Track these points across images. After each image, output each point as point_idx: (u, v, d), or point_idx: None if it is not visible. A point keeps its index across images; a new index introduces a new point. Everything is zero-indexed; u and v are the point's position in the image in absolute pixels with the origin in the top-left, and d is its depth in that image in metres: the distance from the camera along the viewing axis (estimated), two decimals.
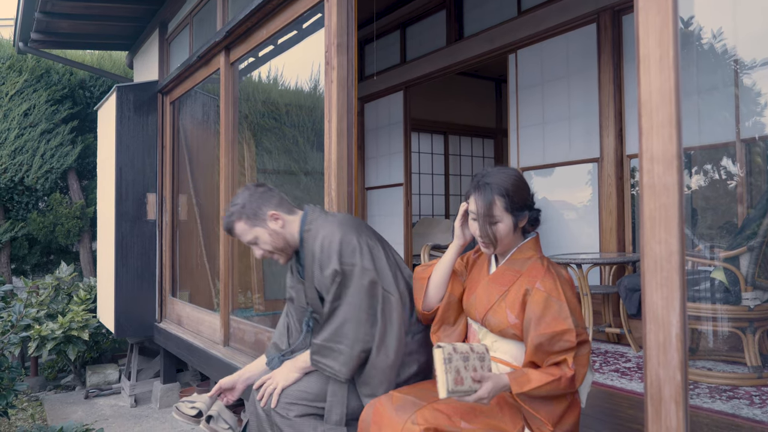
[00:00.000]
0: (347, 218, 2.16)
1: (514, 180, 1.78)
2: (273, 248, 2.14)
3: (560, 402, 1.67)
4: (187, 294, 5.14)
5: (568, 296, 1.68)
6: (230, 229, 2.15)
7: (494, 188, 1.75)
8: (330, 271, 1.99)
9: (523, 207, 1.78)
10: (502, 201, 1.74)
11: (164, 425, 4.62)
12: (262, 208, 2.13)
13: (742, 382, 2.69)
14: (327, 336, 2.01)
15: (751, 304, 2.70)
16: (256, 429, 2.07)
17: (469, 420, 1.69)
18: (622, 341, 3.82)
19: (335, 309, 2.01)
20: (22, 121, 6.54)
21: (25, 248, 6.79)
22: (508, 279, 1.79)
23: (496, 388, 1.62)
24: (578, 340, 1.63)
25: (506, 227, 1.76)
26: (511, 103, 4.91)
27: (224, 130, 4.02)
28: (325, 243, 2.03)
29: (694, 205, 3.52)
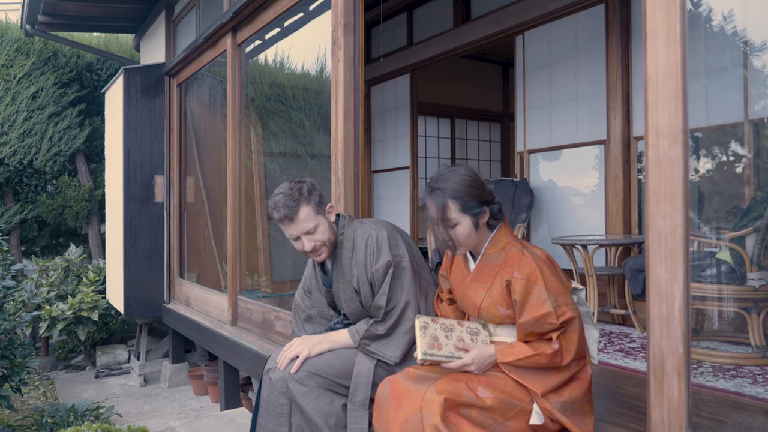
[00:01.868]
0: (378, 220, 2.26)
1: (466, 180, 1.78)
2: (327, 239, 2.15)
3: (558, 374, 1.73)
4: (194, 275, 5.19)
5: (546, 277, 1.71)
6: (293, 215, 2.08)
7: (446, 192, 1.77)
8: (383, 262, 2.08)
9: (480, 204, 1.79)
10: (456, 203, 1.76)
11: (173, 404, 4.69)
12: (323, 199, 2.17)
13: (745, 362, 2.71)
14: (392, 323, 2.07)
15: (756, 285, 2.71)
16: (267, 400, 2.10)
17: (486, 387, 1.72)
18: (627, 322, 3.84)
19: (392, 297, 2.08)
20: (30, 103, 6.58)
21: (34, 230, 6.86)
22: (488, 275, 1.83)
23: (482, 356, 1.74)
24: (561, 320, 1.68)
25: (465, 228, 1.79)
26: (518, 85, 4.89)
27: (231, 112, 4.04)
28: (371, 239, 2.13)
29: (701, 188, 3.52)
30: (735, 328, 3.00)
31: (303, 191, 2.11)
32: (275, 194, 2.14)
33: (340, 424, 2.05)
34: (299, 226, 2.10)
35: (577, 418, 1.73)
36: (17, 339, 3.34)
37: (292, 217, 2.08)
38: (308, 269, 2.40)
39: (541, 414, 1.73)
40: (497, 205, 1.83)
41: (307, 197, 2.11)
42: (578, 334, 1.71)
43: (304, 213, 2.09)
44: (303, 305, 2.40)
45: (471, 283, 1.88)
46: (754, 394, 2.33)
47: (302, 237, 2.13)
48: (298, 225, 2.10)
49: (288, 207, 2.08)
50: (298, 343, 2.13)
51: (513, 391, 1.74)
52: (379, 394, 1.88)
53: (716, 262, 2.87)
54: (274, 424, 2.07)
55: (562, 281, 1.78)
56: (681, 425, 1.37)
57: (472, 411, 1.70)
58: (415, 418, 1.66)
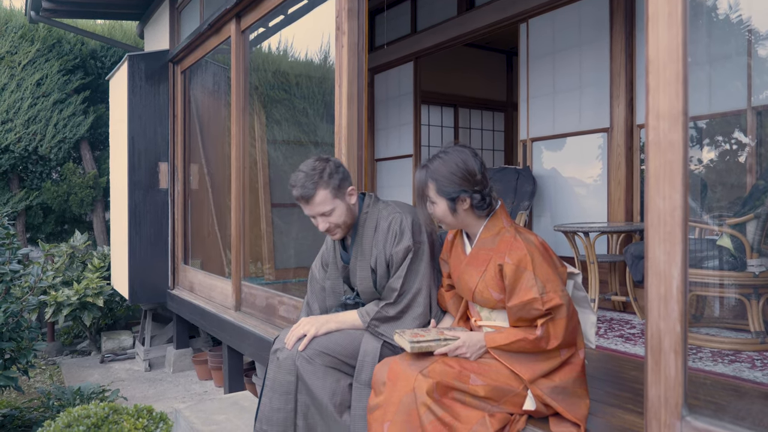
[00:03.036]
0: (404, 204, 2.27)
1: (449, 166, 1.84)
2: (343, 222, 2.17)
3: (547, 360, 1.77)
4: (198, 262, 5.23)
5: (537, 263, 1.75)
6: (309, 197, 2.10)
7: (429, 172, 1.86)
8: (403, 246, 2.10)
9: (460, 191, 1.83)
10: (434, 184, 1.85)
11: (177, 388, 4.75)
12: (345, 182, 2.17)
13: (744, 347, 2.73)
14: (402, 307, 2.10)
15: (756, 271, 2.73)
16: (274, 379, 2.13)
17: (478, 375, 1.76)
18: (627, 309, 3.86)
19: (407, 281, 2.10)
20: (34, 90, 6.60)
21: (39, 217, 6.90)
22: (482, 260, 1.87)
23: (472, 340, 1.81)
24: (548, 306, 1.71)
25: (441, 209, 1.87)
26: (522, 73, 4.89)
27: (235, 99, 4.05)
28: (395, 222, 2.14)
29: (704, 177, 3.53)
30: (735, 315, 3.02)
31: (324, 174, 2.11)
32: (299, 170, 2.15)
33: (345, 403, 2.08)
34: (315, 207, 2.13)
35: (569, 402, 1.77)
36: (24, 322, 3.39)
37: (309, 199, 2.11)
38: (327, 242, 2.42)
39: (533, 400, 1.77)
40: (480, 195, 1.85)
41: (327, 180, 2.11)
42: (566, 321, 1.74)
43: (321, 196, 2.11)
44: (318, 277, 2.42)
45: (466, 267, 1.92)
46: (752, 378, 2.36)
47: (318, 217, 2.16)
48: (314, 207, 2.13)
49: (306, 188, 2.10)
50: (306, 322, 2.16)
51: (506, 379, 1.78)
52: (376, 375, 1.92)
53: (717, 248, 2.88)
54: (280, 401, 2.10)
55: (555, 267, 1.80)
56: (677, 403, 1.40)
57: (466, 396, 1.74)
58: (409, 398, 1.71)
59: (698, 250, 2.97)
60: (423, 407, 1.68)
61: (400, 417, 1.71)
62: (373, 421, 1.87)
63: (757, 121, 3.39)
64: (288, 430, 2.11)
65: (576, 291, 1.99)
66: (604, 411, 1.98)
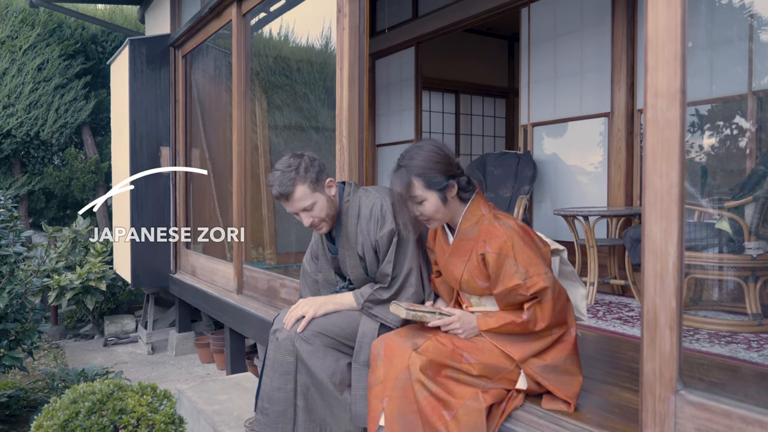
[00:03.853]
0: (383, 188, 2.27)
1: (430, 156, 1.81)
2: (326, 215, 2.18)
3: (538, 340, 1.80)
4: (200, 246, 5.26)
5: (517, 248, 1.75)
6: (288, 193, 2.10)
7: (410, 170, 1.80)
8: (387, 230, 2.11)
9: (447, 178, 1.81)
10: (420, 180, 1.80)
11: (180, 371, 4.80)
12: (321, 174, 2.17)
13: (741, 329, 2.76)
14: (396, 289, 2.12)
15: (753, 254, 2.75)
16: (273, 359, 2.16)
17: (472, 353, 1.79)
18: (626, 293, 3.89)
19: (397, 264, 2.12)
20: (36, 75, 6.60)
21: (42, 202, 6.93)
22: (465, 250, 1.87)
23: (466, 320, 1.83)
24: (532, 291, 1.73)
25: (433, 204, 1.82)
26: (523, 57, 4.88)
27: (236, 83, 4.06)
28: (376, 208, 2.16)
29: (704, 163, 3.54)
30: (733, 298, 3.05)
31: (300, 169, 2.12)
32: (274, 169, 2.16)
33: (344, 382, 2.11)
34: (296, 204, 2.13)
35: (560, 380, 1.80)
36: (28, 304, 3.42)
37: (288, 196, 2.11)
38: (315, 235, 2.44)
39: (525, 379, 1.81)
40: (465, 177, 1.85)
41: (304, 175, 2.11)
42: (552, 303, 1.75)
43: (300, 192, 2.11)
44: (310, 270, 2.46)
45: (450, 258, 1.92)
46: (748, 358, 2.39)
47: (300, 213, 2.17)
48: (294, 203, 2.13)
49: (283, 185, 2.10)
50: (304, 303, 2.18)
51: (499, 357, 1.80)
52: (373, 351, 1.94)
53: (715, 232, 2.90)
54: (280, 381, 2.14)
55: (537, 249, 1.81)
56: (672, 377, 1.43)
57: (460, 374, 1.77)
58: (404, 375, 1.74)
59: (697, 233, 2.99)
60: (417, 383, 1.71)
61: (397, 393, 1.74)
62: (372, 397, 1.90)
63: (757, 105, 3.39)
64: (288, 410, 2.14)
65: (563, 266, 2.01)
66: (600, 389, 2.01)
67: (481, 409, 1.71)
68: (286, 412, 2.13)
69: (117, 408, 1.99)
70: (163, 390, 2.17)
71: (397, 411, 1.72)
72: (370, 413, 1.89)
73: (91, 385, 2.12)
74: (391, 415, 1.73)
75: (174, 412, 2.10)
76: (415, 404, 1.70)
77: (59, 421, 1.93)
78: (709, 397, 1.36)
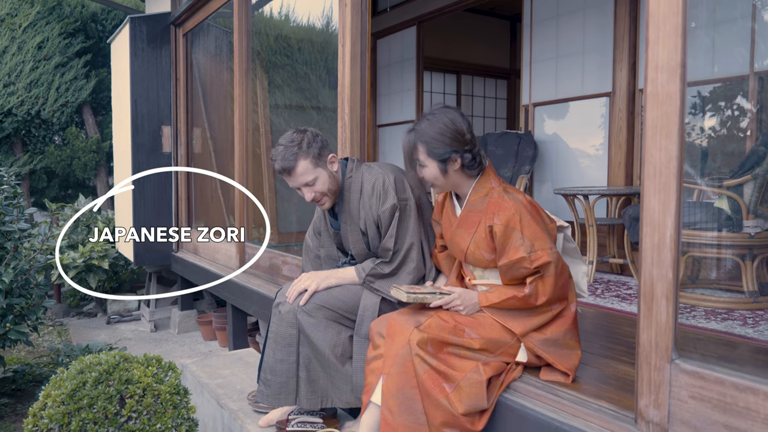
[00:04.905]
0: (385, 164, 2.31)
1: (440, 128, 1.83)
2: (328, 190, 2.21)
3: (538, 315, 1.83)
4: (202, 225, 5.29)
5: (525, 222, 1.77)
6: (290, 168, 2.13)
7: (418, 134, 1.85)
8: (389, 205, 2.13)
9: (450, 152, 1.83)
10: (424, 147, 1.84)
11: (183, 348, 4.86)
12: (324, 150, 2.20)
13: (737, 306, 2.80)
14: (397, 264, 2.16)
15: (751, 232, 2.77)
16: (276, 331, 2.20)
17: (473, 329, 1.82)
18: (624, 272, 3.93)
19: (399, 238, 2.15)
20: (36, 53, 6.57)
21: (43, 181, 6.94)
22: (472, 222, 1.89)
23: (467, 297, 1.87)
24: (536, 264, 1.75)
25: (432, 172, 1.87)
26: (525, 37, 4.86)
27: (238, 61, 4.05)
28: (378, 183, 2.18)
29: (704, 145, 3.55)
30: (730, 277, 3.08)
31: (302, 144, 2.15)
32: (277, 144, 2.19)
33: (346, 354, 2.15)
34: (298, 178, 2.16)
35: (560, 353, 1.83)
36: (33, 279, 3.46)
37: (290, 171, 2.14)
38: (318, 211, 2.47)
39: (525, 352, 1.85)
40: (470, 155, 1.86)
41: (306, 150, 2.14)
42: (554, 278, 1.77)
43: (302, 167, 2.14)
44: (312, 245, 2.49)
45: (457, 229, 1.95)
46: (743, 333, 2.42)
47: (302, 188, 2.20)
48: (296, 178, 2.16)
49: (286, 160, 2.13)
50: (306, 277, 2.22)
51: (500, 331, 1.84)
52: (374, 328, 1.98)
53: (714, 210, 2.93)
54: (283, 353, 2.18)
55: (544, 224, 1.83)
56: (667, 347, 1.46)
57: (461, 350, 1.80)
58: (404, 350, 1.76)
59: (696, 212, 3.01)
60: (417, 358, 1.74)
61: (396, 369, 1.76)
62: (369, 372, 1.93)
63: (759, 86, 3.40)
64: (290, 381, 2.19)
65: (566, 243, 2.04)
66: (598, 362, 2.05)
67: (482, 381, 1.75)
68: (289, 383, 2.17)
69: (123, 378, 2.02)
70: (168, 362, 2.21)
71: (395, 387, 1.75)
72: (365, 387, 1.93)
73: (97, 357, 2.16)
74: (388, 392, 1.76)
75: (179, 383, 2.14)
76: (415, 379, 1.73)
77: (67, 391, 1.97)
78: (703, 366, 1.40)
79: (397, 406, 1.72)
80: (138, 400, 1.99)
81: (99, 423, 1.92)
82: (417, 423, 1.71)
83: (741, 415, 1.31)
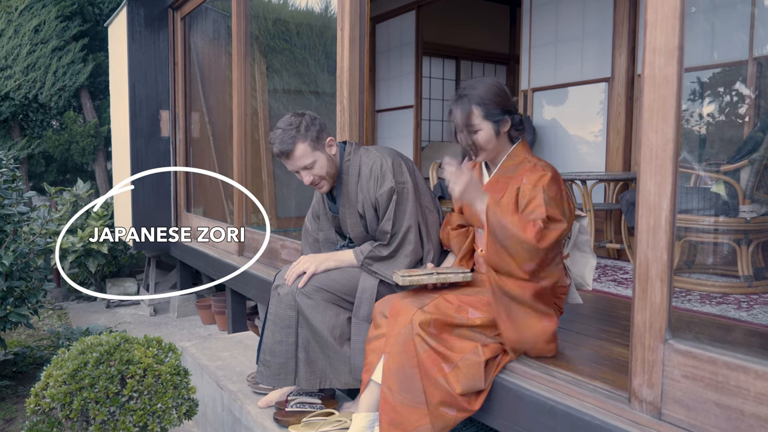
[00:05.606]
0: (384, 147, 2.32)
1: (491, 88, 1.88)
2: (326, 173, 2.22)
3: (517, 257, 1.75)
4: (201, 210, 5.30)
5: (550, 185, 1.82)
6: (289, 151, 2.14)
7: (471, 99, 1.87)
8: (387, 188, 2.15)
9: (502, 113, 1.88)
10: (480, 110, 1.87)
11: (182, 331, 4.89)
12: (322, 133, 2.21)
13: (732, 290, 2.82)
14: (395, 247, 2.17)
15: (747, 217, 2.79)
16: (275, 313, 2.22)
17: (476, 308, 1.84)
18: (621, 257, 3.96)
19: (396, 220, 2.17)
20: (33, 37, 6.53)
21: (42, 165, 6.93)
22: (501, 185, 1.92)
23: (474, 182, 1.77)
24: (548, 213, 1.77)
25: (486, 134, 1.89)
26: (525, 21, 4.85)
27: (236, 44, 4.04)
28: (376, 166, 2.19)
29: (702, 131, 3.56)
30: (726, 262, 3.10)
31: (301, 128, 2.16)
32: (276, 128, 2.20)
33: (344, 336, 2.18)
34: (296, 162, 2.18)
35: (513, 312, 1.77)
36: (33, 263, 3.47)
37: (288, 154, 2.16)
38: (316, 195, 2.48)
39: None
40: (519, 116, 1.94)
41: (305, 133, 2.15)
42: (556, 238, 1.76)
43: (300, 150, 2.15)
44: (311, 229, 2.51)
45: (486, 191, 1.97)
46: (737, 317, 2.45)
47: (301, 171, 2.21)
48: (295, 161, 2.18)
49: (284, 143, 2.15)
50: (305, 260, 2.23)
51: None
52: (377, 308, 2.00)
53: (711, 195, 2.95)
54: (282, 335, 2.20)
55: (565, 198, 1.87)
56: (661, 327, 1.48)
57: (463, 330, 1.82)
58: (407, 330, 1.79)
59: (692, 197, 3.03)
60: (418, 337, 1.76)
61: (398, 348, 1.79)
62: (370, 351, 1.96)
63: (757, 71, 3.40)
64: (289, 362, 2.21)
65: (580, 235, 2.06)
66: (593, 344, 2.07)
67: (480, 362, 1.77)
68: (287, 364, 2.20)
69: (124, 359, 2.05)
70: (168, 343, 2.23)
71: (396, 366, 1.77)
72: (365, 365, 1.95)
73: (98, 338, 2.17)
74: (389, 370, 1.78)
75: (179, 364, 2.16)
76: (416, 358, 1.75)
77: (68, 371, 1.99)
78: (696, 345, 1.42)
79: (397, 385, 1.75)
80: (139, 381, 2.02)
81: (100, 402, 1.95)
82: (416, 401, 1.73)
83: (732, 394, 1.33)
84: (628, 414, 1.52)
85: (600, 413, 1.56)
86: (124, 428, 1.94)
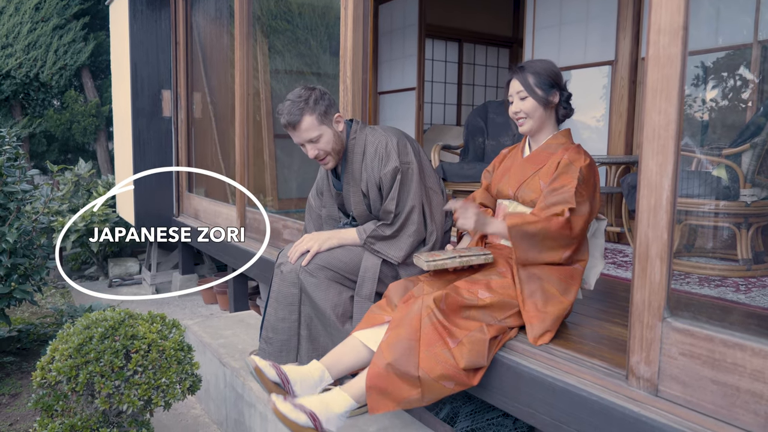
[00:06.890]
0: (389, 127, 2.34)
1: (546, 64, 2.03)
2: (332, 149, 2.23)
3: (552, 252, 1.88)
4: (203, 190, 5.31)
5: (586, 169, 1.92)
6: (295, 122, 2.16)
7: (527, 68, 2.01)
8: (391, 167, 2.17)
9: (553, 85, 2.00)
10: (533, 78, 1.99)
11: (184, 311, 4.93)
12: (331, 108, 2.22)
13: (731, 274, 2.84)
14: (398, 226, 2.19)
15: (748, 201, 2.80)
16: (278, 291, 2.24)
17: (486, 289, 1.87)
18: (621, 240, 3.97)
19: (400, 200, 2.18)
20: (33, 15, 6.49)
21: (43, 145, 6.93)
22: (542, 158, 2.02)
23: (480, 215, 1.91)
24: (577, 196, 1.84)
25: (535, 102, 2.00)
26: (528, 4, 4.81)
27: (238, 24, 4.02)
28: (381, 145, 2.21)
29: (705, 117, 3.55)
30: (725, 246, 3.12)
31: (309, 101, 2.17)
32: (286, 99, 2.21)
33: (346, 314, 2.20)
34: (303, 134, 2.19)
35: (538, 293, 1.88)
36: (36, 240, 3.49)
37: (295, 125, 2.17)
38: (321, 171, 2.49)
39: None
40: (567, 93, 2.05)
41: (313, 106, 2.16)
42: (584, 220, 1.87)
43: (307, 122, 2.16)
44: (315, 205, 2.52)
45: (524, 163, 2.07)
46: (735, 299, 2.47)
47: (306, 144, 2.22)
48: (301, 133, 2.18)
49: (292, 114, 2.15)
50: (309, 238, 2.25)
51: (512, 294, 1.89)
52: (391, 289, 2.00)
53: (712, 179, 2.95)
54: (285, 312, 2.22)
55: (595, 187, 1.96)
56: (660, 305, 1.50)
57: (471, 311, 1.84)
58: (417, 305, 1.81)
59: (694, 181, 3.03)
60: (427, 310, 1.77)
61: (403, 321, 1.80)
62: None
63: (762, 55, 3.39)
64: (292, 339, 2.24)
65: (594, 239, 2.09)
66: (592, 323, 2.10)
67: (485, 339, 1.79)
68: (290, 341, 2.23)
69: (129, 334, 2.07)
70: (172, 319, 2.26)
71: (396, 338, 1.77)
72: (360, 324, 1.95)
73: (103, 313, 2.20)
74: (387, 343, 1.78)
75: (183, 340, 2.19)
76: (418, 332, 1.76)
77: (74, 345, 2.02)
78: (694, 323, 1.44)
79: (392, 356, 1.73)
80: (143, 355, 2.05)
81: (106, 376, 1.98)
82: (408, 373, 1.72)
83: (728, 371, 1.35)
84: (625, 390, 1.55)
85: (597, 390, 1.59)
86: (129, 401, 1.97)
